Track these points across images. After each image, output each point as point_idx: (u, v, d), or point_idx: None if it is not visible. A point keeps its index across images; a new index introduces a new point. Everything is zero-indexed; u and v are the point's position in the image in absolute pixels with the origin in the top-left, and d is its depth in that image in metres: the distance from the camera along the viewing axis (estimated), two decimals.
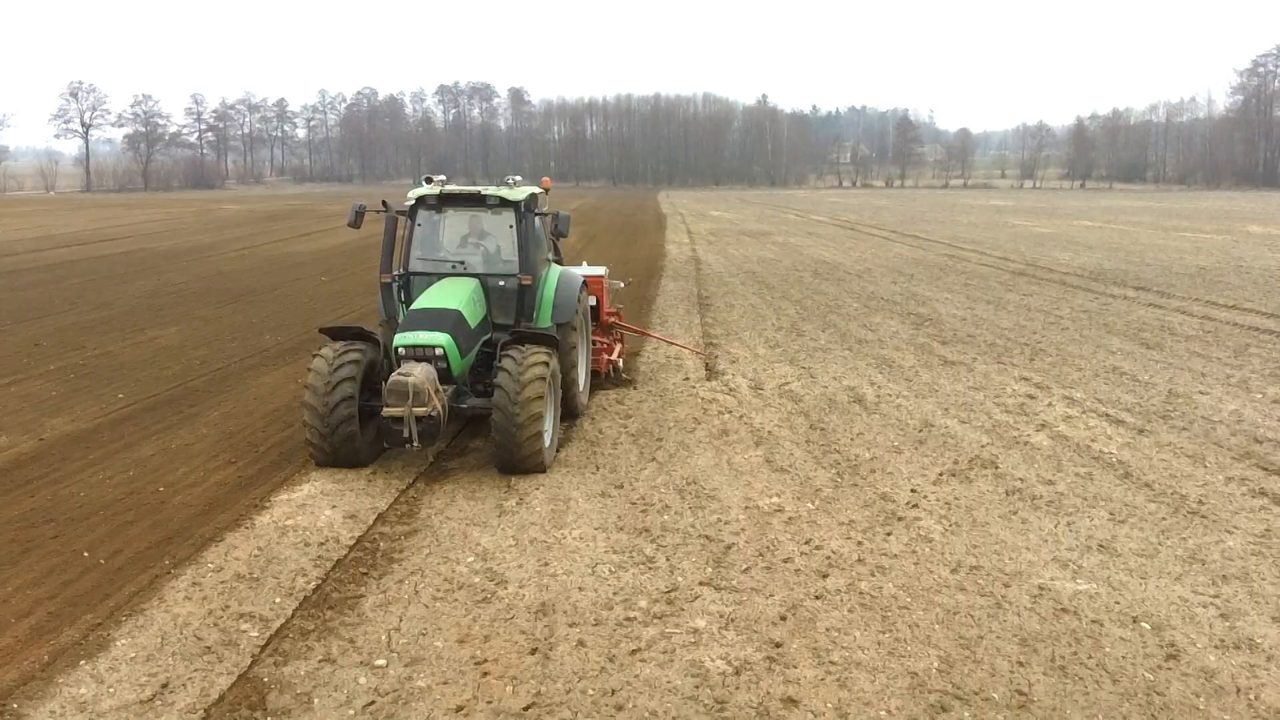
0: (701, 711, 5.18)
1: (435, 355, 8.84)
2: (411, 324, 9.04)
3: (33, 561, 7.09)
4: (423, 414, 8.35)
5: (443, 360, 8.88)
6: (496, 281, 10.16)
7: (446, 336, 8.87)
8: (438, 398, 8.50)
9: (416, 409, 8.32)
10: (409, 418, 8.33)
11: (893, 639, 5.98)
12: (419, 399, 8.32)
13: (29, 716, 5.08)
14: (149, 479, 9.01)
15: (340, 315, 18.93)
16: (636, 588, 6.71)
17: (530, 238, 10.22)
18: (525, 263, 10.07)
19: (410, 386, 8.29)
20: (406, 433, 8.38)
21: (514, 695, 5.33)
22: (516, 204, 10.08)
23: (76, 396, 12.24)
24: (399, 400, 8.34)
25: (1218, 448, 10.09)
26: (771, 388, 12.94)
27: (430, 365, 8.74)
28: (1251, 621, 6.25)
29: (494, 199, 10.03)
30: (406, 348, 8.85)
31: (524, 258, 10.09)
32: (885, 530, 7.79)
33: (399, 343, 8.89)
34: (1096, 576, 6.92)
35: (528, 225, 10.20)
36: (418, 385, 8.31)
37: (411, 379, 8.33)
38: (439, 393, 8.57)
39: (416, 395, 8.30)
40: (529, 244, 10.15)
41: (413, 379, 8.33)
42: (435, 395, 8.47)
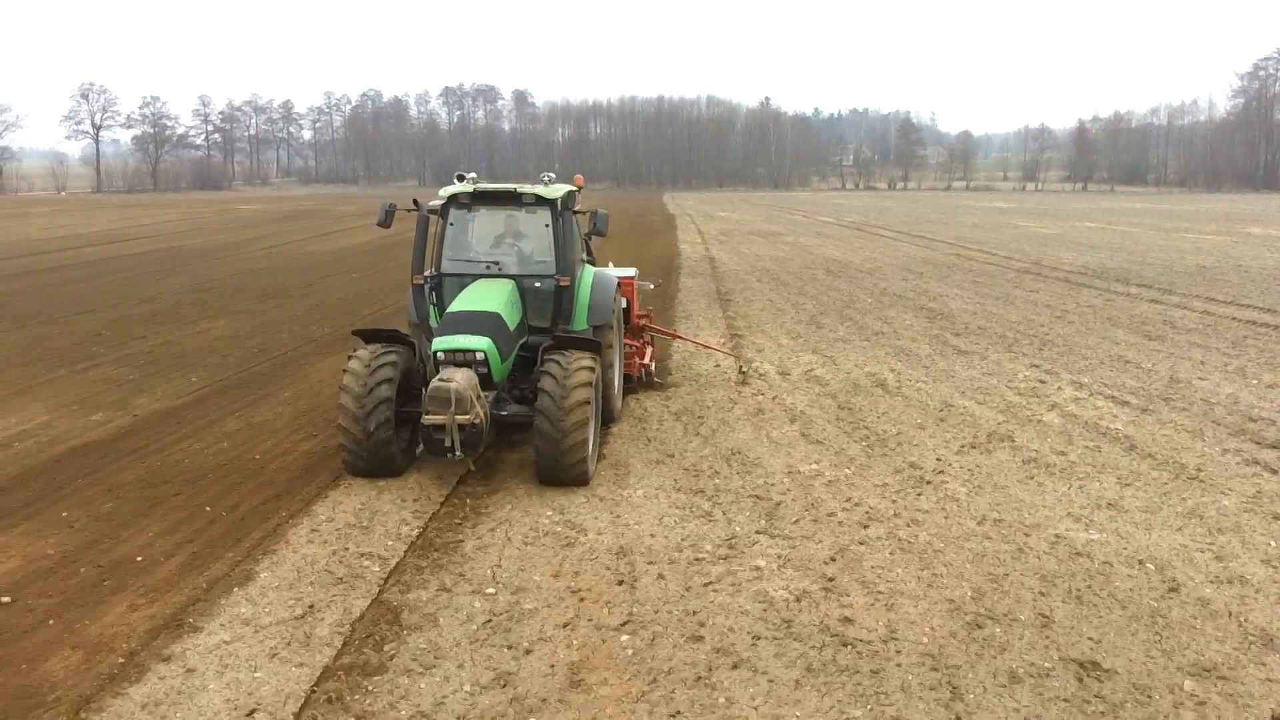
0: (772, 629, 6.07)
1: (476, 360, 8.50)
2: (450, 327, 8.66)
3: (162, 514, 7.99)
4: (465, 422, 7.99)
5: (483, 365, 8.53)
6: (532, 283, 9.79)
7: (488, 341, 8.55)
8: (480, 405, 8.15)
9: (459, 417, 7.95)
10: (451, 426, 7.97)
11: (930, 574, 6.88)
12: (461, 406, 7.93)
13: (205, 628, 5.98)
14: (243, 448, 9.91)
15: (376, 311, 19.84)
16: (700, 535, 7.61)
17: (567, 237, 9.89)
18: (562, 263, 9.76)
19: (453, 393, 7.90)
20: (448, 441, 8.04)
21: (610, 615, 6.22)
22: (553, 202, 9.74)
23: (152, 380, 13.14)
24: (441, 408, 7.95)
25: (1215, 425, 10.97)
26: (798, 374, 13.84)
27: (471, 371, 8.34)
28: (1243, 563, 7.14)
29: (529, 197, 9.71)
30: (446, 352, 8.47)
31: (561, 258, 9.77)
32: (916, 491, 8.69)
33: (438, 347, 8.52)
34: (1106, 528, 7.81)
35: (565, 224, 9.87)
36: (460, 392, 7.92)
37: (454, 385, 7.93)
38: (481, 400, 8.22)
39: (459, 403, 7.92)
40: (566, 244, 9.82)
41: (455, 385, 7.94)
42: (478, 402, 8.11)
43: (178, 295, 21.93)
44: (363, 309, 20.04)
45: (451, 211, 9.93)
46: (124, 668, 5.53)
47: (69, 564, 6.98)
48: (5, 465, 9.28)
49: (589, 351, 8.85)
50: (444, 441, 8.06)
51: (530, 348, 9.41)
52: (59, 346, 15.47)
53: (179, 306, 20.20)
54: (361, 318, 18.87)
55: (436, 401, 7.97)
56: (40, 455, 9.61)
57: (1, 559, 7.05)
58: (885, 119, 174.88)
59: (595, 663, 5.63)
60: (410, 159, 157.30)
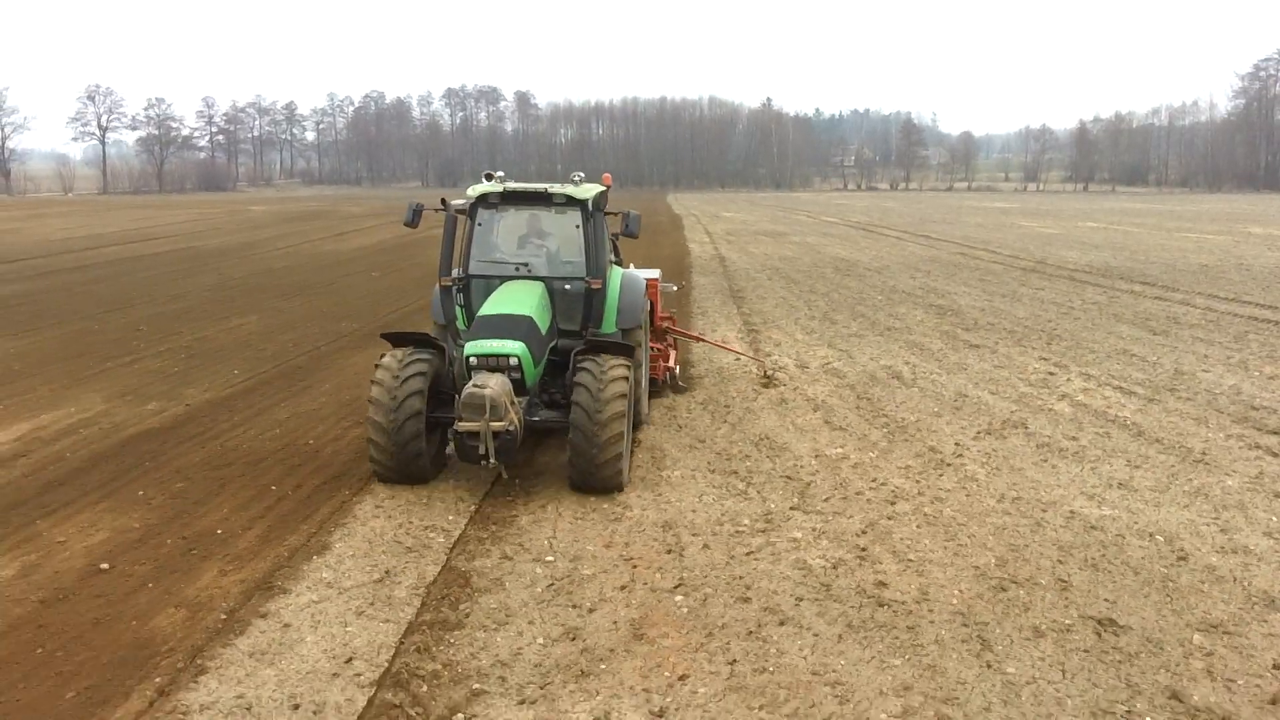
0: (812, 591, 6.60)
1: (509, 365, 8.29)
2: (482, 331, 8.44)
3: (231, 493, 8.52)
4: (499, 429, 7.78)
5: (516, 370, 8.32)
6: (562, 285, 9.57)
7: (521, 345, 8.33)
8: (514, 411, 7.96)
9: (494, 424, 7.75)
10: (485, 433, 7.77)
11: (955, 545, 7.41)
12: (496, 413, 7.74)
13: (293, 590, 6.52)
14: (295, 435, 10.44)
15: (399, 308, 20.37)
16: (738, 512, 8.13)
17: (598, 239, 9.67)
18: (593, 265, 9.54)
19: (487, 400, 7.70)
20: (482, 449, 7.83)
21: (662, 579, 6.75)
22: (584, 203, 9.50)
23: (196, 372, 13.67)
24: (475, 414, 7.75)
25: (1218, 413, 11.50)
26: (816, 366, 14.36)
27: (504, 376, 8.17)
28: (1246, 535, 7.66)
29: (560, 197, 9.48)
30: (479, 357, 8.27)
31: (591, 260, 9.55)
32: (937, 473, 9.21)
33: (471, 351, 8.31)
34: (1118, 505, 8.34)
35: (595, 225, 9.64)
36: (495, 399, 7.73)
37: (488, 392, 7.74)
38: (515, 406, 8.04)
39: (493, 409, 7.73)
40: (597, 245, 9.60)
41: (489, 392, 7.74)
42: (512, 409, 7.93)
43: (204, 293, 22.47)
44: (386, 306, 20.58)
45: (480, 212, 9.69)
46: (226, 623, 6.06)
47: (155, 536, 7.51)
48: (76, 449, 9.81)
49: (623, 356, 8.63)
50: (478, 449, 7.85)
51: (559, 351, 9.24)
52: (101, 341, 16.01)
53: (207, 304, 20.73)
54: (386, 315, 19.40)
55: (470, 408, 7.76)
56: (106, 441, 10.14)
57: (92, 532, 7.59)
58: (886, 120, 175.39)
59: (654, 620, 6.16)
60: (413, 160, 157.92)
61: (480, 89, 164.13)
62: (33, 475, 8.98)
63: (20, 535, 7.50)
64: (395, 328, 17.34)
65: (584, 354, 8.62)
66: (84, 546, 7.29)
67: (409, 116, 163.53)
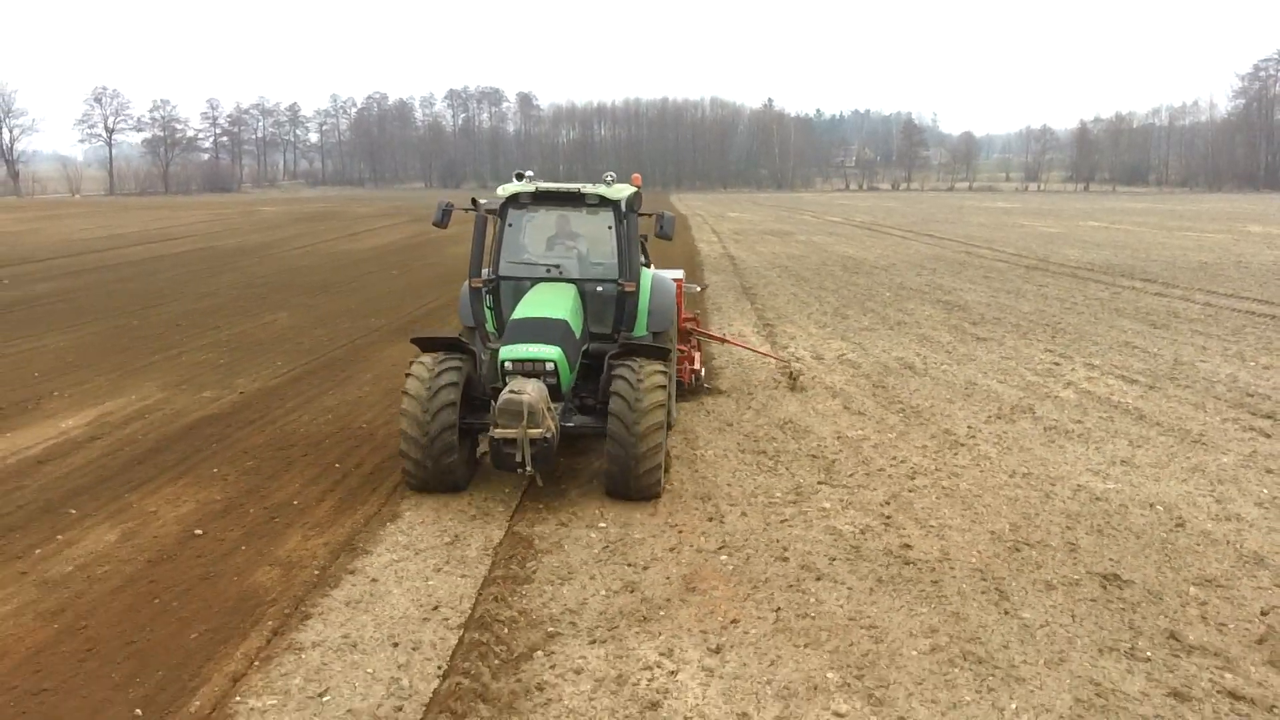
0: (844, 553, 7.27)
1: (545, 370, 8.21)
2: (517, 336, 8.36)
3: (299, 470, 9.20)
4: (537, 436, 7.63)
5: (552, 376, 8.24)
6: (594, 287, 9.46)
7: (558, 350, 8.24)
8: (551, 418, 7.81)
9: (531, 431, 7.59)
10: (523, 440, 7.60)
11: (972, 513, 8.08)
12: (534, 420, 7.59)
13: (374, 552, 7.20)
14: (346, 420, 11.12)
15: (424, 305, 21.04)
16: (770, 485, 8.81)
17: (631, 240, 9.47)
18: (626, 268, 9.34)
19: (525, 406, 7.54)
20: (519, 456, 7.66)
21: (707, 542, 7.43)
22: (617, 203, 9.38)
23: (242, 364, 14.35)
24: (512, 421, 7.58)
25: (1215, 400, 12.16)
26: (831, 357, 15.04)
27: (541, 382, 8.04)
28: (1239, 506, 8.32)
29: (593, 198, 9.34)
30: (514, 362, 8.20)
31: (624, 262, 9.36)
32: (952, 452, 9.88)
33: (507, 356, 8.23)
34: (1121, 480, 9.00)
35: (629, 227, 9.45)
36: (533, 405, 7.58)
37: (525, 398, 7.58)
38: (552, 412, 7.90)
39: (531, 416, 7.57)
40: (630, 247, 9.41)
41: (527, 398, 7.58)
42: (549, 415, 7.78)
43: (232, 291, 23.15)
44: (410, 303, 21.25)
45: (510, 212, 9.59)
46: (319, 578, 6.74)
47: (238, 506, 8.19)
48: (146, 432, 10.49)
49: (659, 360, 8.47)
50: (514, 456, 7.68)
51: (590, 355, 9.14)
52: (144, 335, 16.69)
53: (238, 301, 21.42)
54: (411, 311, 20.07)
55: (507, 415, 7.59)
56: (172, 425, 10.82)
57: (179, 503, 8.26)
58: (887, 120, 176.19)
59: (704, 575, 6.83)
60: (415, 161, 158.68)
61: (483, 90, 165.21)
62: (111, 455, 9.66)
63: (113, 507, 8.18)
64: (420, 324, 18.24)
65: (619, 358, 8.43)
66: (175, 516, 7.97)
67: (411, 118, 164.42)
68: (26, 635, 5.94)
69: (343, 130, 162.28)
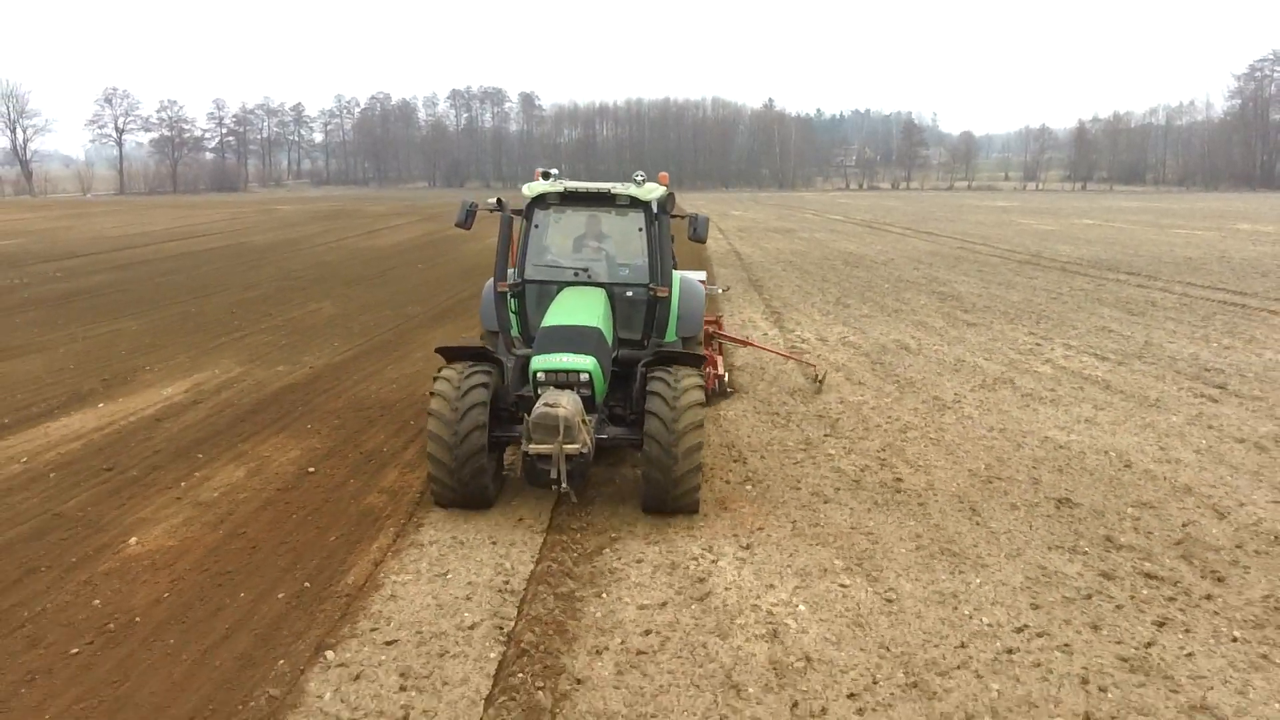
0: (846, 485, 8.83)
1: (579, 381, 7.89)
2: (549, 344, 7.98)
3: (379, 428, 10.76)
4: (573, 451, 7.29)
5: (586, 387, 7.92)
6: (623, 292, 9.14)
7: (593, 360, 7.92)
8: (586, 431, 7.44)
9: (567, 446, 7.24)
10: (558, 456, 7.26)
11: (954, 457, 9.64)
12: (570, 434, 7.23)
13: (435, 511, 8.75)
14: (410, 389, 12.68)
15: (453, 296, 22.57)
16: (783, 438, 10.37)
17: (664, 243, 9.02)
18: (658, 272, 8.90)
19: (561, 421, 7.17)
20: (554, 472, 7.33)
21: (733, 476, 8.99)
22: (648, 205, 9.01)
23: (303, 344, 15.91)
24: (547, 436, 7.22)
25: (1175, 374, 13.72)
26: (834, 339, 16.59)
27: (575, 394, 7.73)
28: (1179, 453, 9.88)
29: (624, 198, 9.00)
30: (547, 372, 7.87)
31: (656, 266, 8.94)
32: (939, 413, 11.44)
33: (539, 366, 7.89)
34: (1083, 434, 10.56)
35: (661, 229, 9.01)
36: (569, 419, 7.21)
37: (561, 412, 7.20)
38: (587, 425, 7.51)
39: (567, 431, 7.21)
40: (663, 250, 8.97)
41: (563, 412, 7.20)
42: (584, 429, 7.41)
43: (273, 283, 24.72)
44: (441, 294, 22.80)
45: (536, 213, 9.23)
46: (421, 500, 8.30)
47: (337, 452, 9.75)
48: (239, 398, 12.06)
49: (696, 368, 8.20)
50: (549, 472, 7.36)
51: (619, 362, 8.78)
52: (206, 321, 18.25)
53: (281, 292, 22.98)
54: (443, 301, 21.61)
55: (542, 429, 7.22)
56: (259, 393, 12.39)
57: (286, 450, 9.83)
58: (887, 120, 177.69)
59: (733, 499, 8.40)
60: (418, 161, 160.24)
61: (485, 90, 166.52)
62: (216, 415, 11.23)
63: (233, 453, 9.75)
64: (452, 313, 19.81)
65: (654, 366, 8.15)
66: (287, 459, 9.54)
67: (414, 117, 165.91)
68: (200, 539, 7.51)
69: (347, 130, 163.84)
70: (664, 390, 7.72)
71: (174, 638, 5.94)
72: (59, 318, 18.60)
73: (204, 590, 6.60)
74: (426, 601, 6.43)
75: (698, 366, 8.34)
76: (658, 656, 5.75)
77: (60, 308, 20.00)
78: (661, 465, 7.59)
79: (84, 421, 10.90)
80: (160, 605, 6.37)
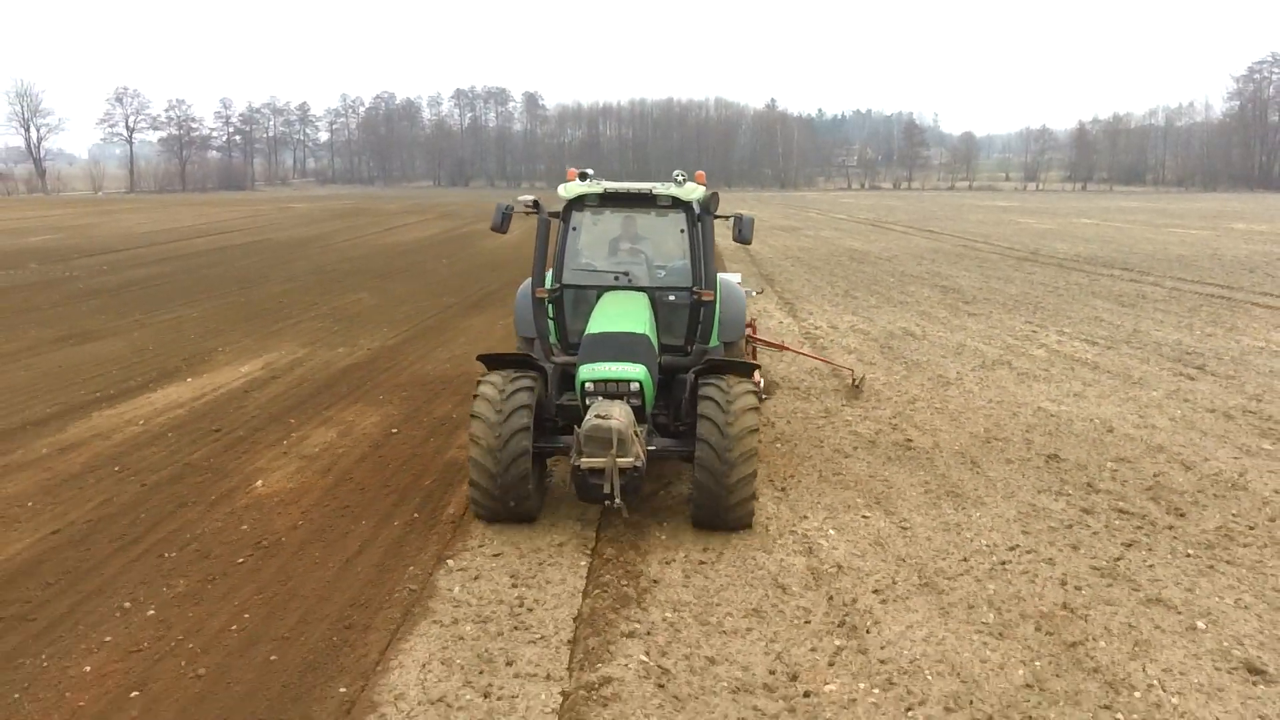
0: (863, 444, 10.12)
1: (630, 391, 7.57)
2: (597, 353, 7.66)
3: (446, 398, 12.06)
4: (627, 465, 7.00)
5: (637, 397, 7.60)
6: (665, 296, 8.82)
7: (643, 369, 7.60)
8: (639, 444, 7.16)
9: (620, 460, 6.96)
10: (612, 470, 6.97)
11: (956, 423, 10.94)
12: (623, 448, 6.96)
13: None
14: (464, 366, 13.96)
15: (483, 288, 23.86)
16: (805, 408, 11.67)
17: (708, 245, 8.66)
18: (703, 275, 8.52)
19: (614, 433, 6.93)
20: (607, 487, 7.03)
21: (766, 436, 10.26)
22: (690, 205, 8.75)
23: (354, 330, 17.21)
24: (600, 449, 6.96)
25: (1159, 357, 15.02)
26: (844, 327, 17.90)
27: (626, 404, 7.44)
28: (1155, 420, 11.18)
29: (665, 199, 8.73)
30: (596, 382, 7.56)
31: (700, 269, 8.58)
32: (944, 388, 12.74)
33: (588, 376, 7.58)
34: (1071, 406, 11.86)
35: (705, 230, 8.63)
36: (622, 431, 6.96)
37: (614, 424, 6.96)
38: (639, 438, 7.22)
39: (621, 443, 6.94)
40: (706, 253, 8.61)
41: (616, 424, 6.97)
42: (637, 442, 7.15)
43: (309, 275, 26.04)
44: (471, 286, 24.10)
45: (574, 215, 8.98)
46: None
47: (412, 418, 11.06)
48: (311, 375, 13.37)
49: (748, 378, 7.88)
50: (602, 487, 7.07)
51: (662, 370, 8.31)
52: (258, 310, 19.56)
53: (319, 283, 24.29)
54: (474, 292, 22.91)
55: (595, 442, 6.96)
56: (327, 370, 13.69)
57: (366, 415, 11.14)
58: (889, 120, 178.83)
59: (766, 455, 9.68)
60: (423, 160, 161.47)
61: (489, 90, 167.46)
62: (295, 388, 12.54)
63: (320, 418, 11.05)
64: (484, 304, 21.11)
65: (705, 374, 7.81)
66: (370, 423, 10.84)
67: (419, 117, 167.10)
68: (314, 483, 8.82)
69: (352, 129, 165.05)
70: (717, 401, 7.39)
71: (318, 552, 7.24)
72: (120, 306, 19.92)
73: (331, 519, 7.91)
74: (520, 528, 7.72)
75: (750, 375, 7.97)
76: (716, 565, 7.05)
77: (116, 297, 21.33)
78: (714, 480, 7.29)
79: (180, 393, 12.21)
80: (298, 530, 7.67)
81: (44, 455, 9.59)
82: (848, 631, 6.05)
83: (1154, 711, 5.18)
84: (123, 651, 5.77)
